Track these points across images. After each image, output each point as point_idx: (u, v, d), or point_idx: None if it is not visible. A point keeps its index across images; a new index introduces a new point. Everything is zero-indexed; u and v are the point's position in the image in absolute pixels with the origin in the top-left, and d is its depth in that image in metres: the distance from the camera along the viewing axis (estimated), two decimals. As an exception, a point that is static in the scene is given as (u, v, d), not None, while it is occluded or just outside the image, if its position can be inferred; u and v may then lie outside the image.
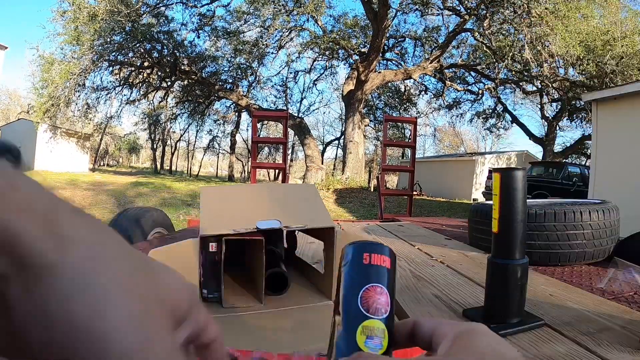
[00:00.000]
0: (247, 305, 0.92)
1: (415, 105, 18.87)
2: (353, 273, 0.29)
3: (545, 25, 9.12)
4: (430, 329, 0.27)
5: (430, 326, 0.27)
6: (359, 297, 0.27)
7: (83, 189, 9.40)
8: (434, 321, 0.27)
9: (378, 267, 0.29)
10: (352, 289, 0.28)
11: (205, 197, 1.01)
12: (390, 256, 0.30)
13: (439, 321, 0.27)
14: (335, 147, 28.29)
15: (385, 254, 0.30)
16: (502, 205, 0.83)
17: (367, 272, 0.28)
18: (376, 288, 0.28)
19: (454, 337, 0.24)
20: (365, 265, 0.29)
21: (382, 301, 0.27)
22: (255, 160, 3.75)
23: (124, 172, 21.35)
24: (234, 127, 22.92)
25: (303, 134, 13.58)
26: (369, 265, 0.29)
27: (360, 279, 0.28)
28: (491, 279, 0.86)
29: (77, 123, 14.68)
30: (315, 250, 1.61)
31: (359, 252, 0.29)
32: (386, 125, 4.27)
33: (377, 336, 0.26)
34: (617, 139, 5.20)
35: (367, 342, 0.26)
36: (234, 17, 14.07)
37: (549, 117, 15.91)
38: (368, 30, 13.93)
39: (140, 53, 12.98)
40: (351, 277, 0.29)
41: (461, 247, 1.89)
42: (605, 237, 1.50)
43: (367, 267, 0.29)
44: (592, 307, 0.98)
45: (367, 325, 0.26)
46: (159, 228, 2.26)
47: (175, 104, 18.03)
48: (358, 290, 0.28)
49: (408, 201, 4.03)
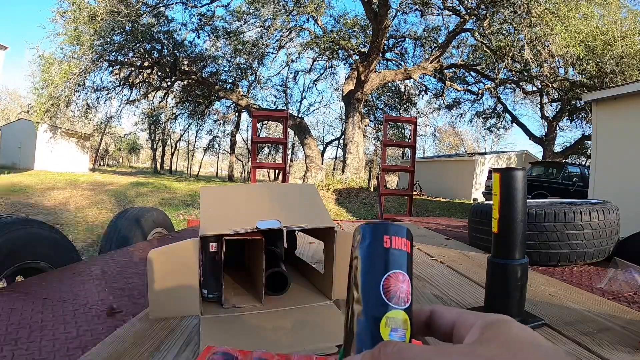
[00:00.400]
0: (247, 305, 0.92)
1: (415, 105, 18.87)
2: (373, 258, 0.26)
3: (545, 25, 9.11)
4: (451, 319, 0.25)
5: (451, 316, 0.25)
6: (380, 285, 0.25)
7: (83, 189, 9.40)
8: (455, 310, 0.26)
9: (399, 252, 0.26)
10: (373, 276, 0.25)
11: (205, 197, 1.01)
12: (409, 238, 0.27)
13: (460, 310, 0.26)
14: (335, 147, 28.33)
15: (405, 236, 0.27)
16: (502, 205, 0.83)
17: (388, 257, 0.26)
18: (398, 275, 0.25)
19: (483, 327, 0.23)
20: (386, 249, 0.26)
21: (405, 289, 0.25)
22: (255, 160, 3.75)
23: (124, 172, 21.34)
24: (234, 127, 22.92)
25: (303, 134, 13.57)
26: (390, 250, 0.26)
27: (381, 265, 0.26)
28: (491, 279, 0.86)
29: (77, 123, 14.68)
30: (315, 250, 1.61)
31: (378, 234, 0.26)
32: (386, 125, 4.27)
33: (401, 328, 0.25)
34: (617, 139, 5.19)
35: (391, 334, 0.24)
36: (234, 17, 14.08)
37: (549, 117, 15.91)
38: (368, 30, 13.93)
39: (140, 53, 12.98)
40: (371, 262, 0.26)
41: (461, 247, 1.89)
42: (605, 237, 1.50)
43: (388, 252, 0.26)
44: (592, 307, 0.98)
45: (391, 316, 0.25)
46: (159, 228, 2.27)
47: (175, 104, 18.03)
48: (379, 278, 0.25)
49: (408, 201, 4.03)
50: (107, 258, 1.49)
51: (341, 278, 0.96)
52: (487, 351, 0.20)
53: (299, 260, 1.31)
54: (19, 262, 1.28)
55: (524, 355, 0.19)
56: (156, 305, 0.84)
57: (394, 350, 0.21)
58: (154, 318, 0.83)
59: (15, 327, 0.80)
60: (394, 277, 0.25)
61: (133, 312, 0.93)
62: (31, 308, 0.91)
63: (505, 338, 0.21)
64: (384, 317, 0.24)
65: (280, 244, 1.24)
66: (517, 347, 0.20)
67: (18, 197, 7.51)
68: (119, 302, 0.99)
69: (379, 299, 0.25)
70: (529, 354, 0.20)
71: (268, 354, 0.60)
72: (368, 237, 0.27)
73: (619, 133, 5.22)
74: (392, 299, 0.25)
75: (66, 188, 9.21)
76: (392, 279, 0.25)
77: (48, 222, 1.68)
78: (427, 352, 0.21)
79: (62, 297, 1.00)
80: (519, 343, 0.21)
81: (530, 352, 0.20)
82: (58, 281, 1.14)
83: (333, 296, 0.96)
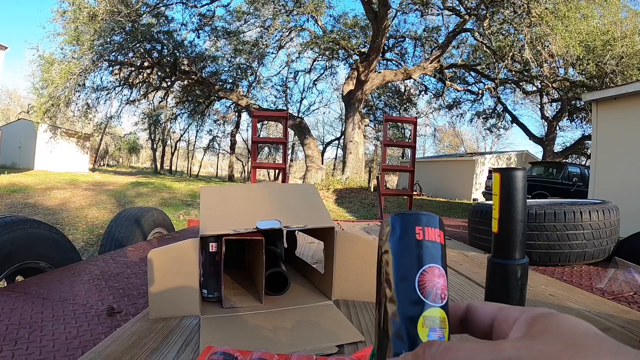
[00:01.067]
0: (247, 305, 0.92)
1: (415, 105, 18.88)
2: (406, 252, 0.24)
3: (545, 25, 9.11)
4: (490, 314, 0.24)
5: (490, 311, 0.24)
6: (416, 281, 0.23)
7: (83, 189, 9.40)
8: (493, 305, 0.24)
9: (433, 244, 0.24)
10: (407, 271, 0.23)
11: (205, 197, 1.01)
12: (442, 228, 0.25)
13: (499, 305, 0.24)
14: (335, 147, 28.35)
15: (438, 226, 0.25)
16: (502, 205, 0.83)
17: (422, 250, 0.24)
18: (434, 269, 0.24)
19: (530, 320, 0.21)
20: (419, 241, 0.24)
21: (441, 285, 0.24)
22: (255, 160, 3.75)
23: (124, 172, 21.34)
24: (234, 127, 22.93)
25: (303, 134, 13.57)
26: (424, 242, 0.24)
27: (415, 259, 0.24)
28: (491, 279, 0.86)
29: (77, 123, 14.69)
30: (315, 250, 1.61)
31: (410, 225, 0.24)
32: (386, 125, 4.27)
33: (440, 327, 0.23)
34: (617, 139, 5.19)
35: (430, 334, 0.22)
36: (234, 17, 14.08)
37: (549, 117, 15.91)
38: (368, 30, 13.93)
39: (140, 53, 12.97)
40: (404, 256, 0.24)
41: (461, 247, 1.89)
42: (605, 237, 1.50)
43: (422, 244, 0.24)
44: (592, 307, 0.98)
45: (429, 315, 0.23)
46: (159, 228, 2.27)
47: (175, 104, 18.03)
48: (414, 274, 0.23)
49: (408, 201, 4.03)
50: (107, 258, 1.49)
51: (341, 278, 0.96)
52: (546, 346, 0.18)
53: (299, 260, 1.31)
54: (19, 262, 1.28)
55: (591, 350, 0.17)
56: (156, 305, 0.84)
57: (440, 349, 0.20)
58: (154, 318, 0.83)
59: (15, 327, 0.80)
60: (430, 272, 0.23)
61: (133, 312, 0.93)
62: (31, 308, 0.91)
63: (562, 331, 0.19)
64: (421, 316, 0.23)
65: (280, 244, 1.24)
66: (580, 342, 0.18)
67: (18, 197, 7.51)
68: (119, 302, 0.99)
69: (415, 296, 0.23)
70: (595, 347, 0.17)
71: (268, 354, 0.60)
72: (399, 229, 0.24)
73: (619, 133, 5.22)
74: (429, 296, 0.23)
75: (66, 188, 9.21)
76: (427, 274, 0.23)
77: (48, 222, 1.68)
78: (477, 350, 0.19)
79: (62, 297, 1.00)
80: (581, 337, 0.18)
81: (597, 346, 0.18)
82: (58, 281, 1.14)
83: (333, 296, 0.96)
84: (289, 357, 0.61)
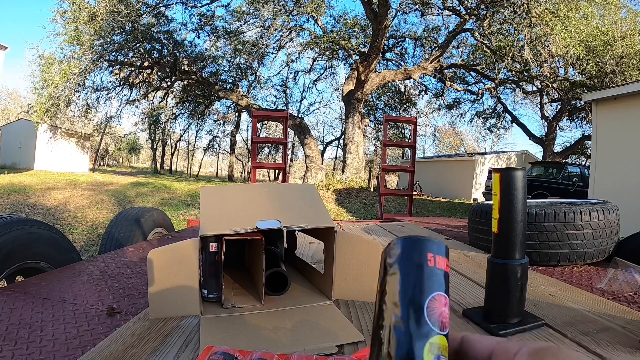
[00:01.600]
0: (246, 305, 0.92)
1: (415, 105, 18.89)
2: (417, 277, 0.24)
3: (545, 25, 9.11)
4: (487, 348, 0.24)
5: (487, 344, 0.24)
6: (424, 307, 0.23)
7: (83, 189, 9.39)
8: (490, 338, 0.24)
9: (442, 272, 0.25)
10: (418, 296, 0.24)
11: (205, 197, 1.01)
12: (448, 257, 0.26)
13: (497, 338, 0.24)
14: (335, 147, 28.36)
15: (445, 255, 0.25)
16: (502, 205, 0.83)
17: (432, 277, 0.24)
18: (441, 297, 0.24)
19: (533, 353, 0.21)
20: (431, 268, 0.24)
21: (446, 313, 0.24)
22: (255, 160, 3.75)
23: (124, 172, 21.34)
24: (234, 127, 22.94)
25: (303, 134, 13.58)
26: (434, 269, 0.24)
27: (426, 285, 0.24)
28: (491, 279, 0.86)
29: (77, 123, 14.68)
30: (315, 250, 1.61)
31: (422, 251, 0.25)
32: (386, 125, 4.27)
33: (443, 355, 0.23)
34: (617, 139, 5.20)
35: None
36: (234, 17, 14.08)
37: (549, 117, 15.91)
38: (368, 30, 13.93)
39: (140, 53, 12.97)
40: (415, 282, 0.24)
41: (461, 247, 1.89)
42: (605, 237, 1.50)
43: (432, 272, 0.24)
44: (592, 307, 0.98)
45: (434, 342, 0.23)
46: (159, 228, 2.27)
47: (175, 104, 18.03)
48: (424, 299, 0.23)
49: (408, 201, 4.03)
50: (107, 258, 1.49)
51: (341, 278, 0.96)
52: None
53: (299, 260, 1.31)
54: (19, 262, 1.28)
55: None
56: (156, 305, 0.84)
57: None
58: (154, 318, 0.83)
59: (15, 327, 0.80)
60: (438, 300, 0.24)
61: (133, 312, 0.93)
62: (31, 308, 0.91)
63: None
64: (428, 342, 0.23)
65: (280, 244, 1.24)
66: None
67: (18, 197, 7.51)
68: (119, 302, 0.99)
69: (424, 322, 0.23)
70: None
71: (268, 354, 0.60)
72: (410, 253, 0.25)
73: (619, 133, 5.22)
74: (436, 323, 0.23)
75: (66, 188, 9.21)
76: (436, 301, 0.24)
77: (48, 222, 1.68)
78: None
79: (62, 297, 1.00)
80: None
81: None
82: (58, 281, 1.14)
83: (333, 296, 0.96)
84: (289, 357, 0.61)
